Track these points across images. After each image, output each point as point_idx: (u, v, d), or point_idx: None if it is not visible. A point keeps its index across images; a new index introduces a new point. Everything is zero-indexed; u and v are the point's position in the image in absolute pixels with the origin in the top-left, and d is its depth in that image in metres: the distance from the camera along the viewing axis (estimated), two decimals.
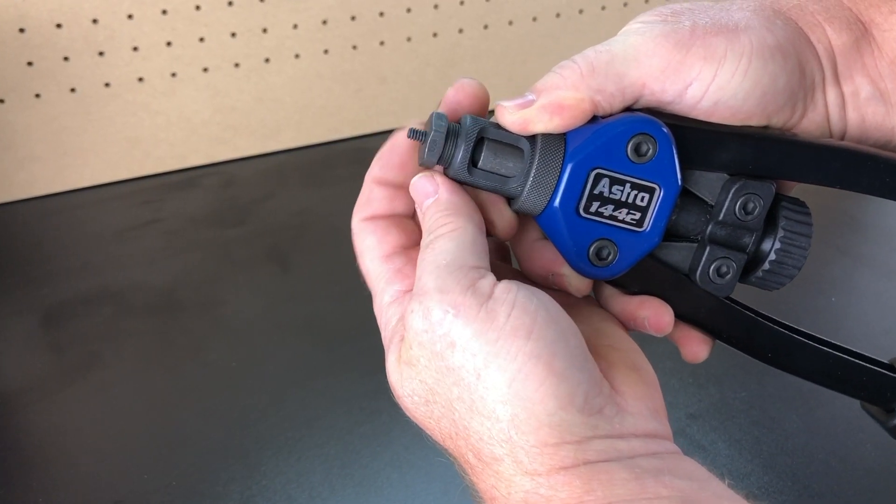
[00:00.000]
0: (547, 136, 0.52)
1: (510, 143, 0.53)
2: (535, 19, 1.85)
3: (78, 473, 0.99)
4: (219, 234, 1.45)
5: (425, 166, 0.54)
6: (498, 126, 0.53)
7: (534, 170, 0.52)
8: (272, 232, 1.45)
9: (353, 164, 1.67)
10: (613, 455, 0.47)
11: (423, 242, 0.51)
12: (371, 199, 0.56)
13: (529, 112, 0.52)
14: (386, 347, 0.54)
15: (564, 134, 0.52)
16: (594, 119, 0.52)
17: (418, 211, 0.54)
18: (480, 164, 0.53)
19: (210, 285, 1.32)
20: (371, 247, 0.55)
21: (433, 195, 0.52)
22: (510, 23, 1.83)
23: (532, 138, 0.53)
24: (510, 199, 0.55)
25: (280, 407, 1.07)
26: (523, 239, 0.58)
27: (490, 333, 0.46)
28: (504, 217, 0.55)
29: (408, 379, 0.50)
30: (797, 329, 0.58)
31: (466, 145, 0.52)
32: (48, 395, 1.10)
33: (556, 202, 0.52)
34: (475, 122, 0.53)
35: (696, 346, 0.58)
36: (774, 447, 1.00)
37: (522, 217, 0.56)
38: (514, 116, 0.52)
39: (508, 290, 0.48)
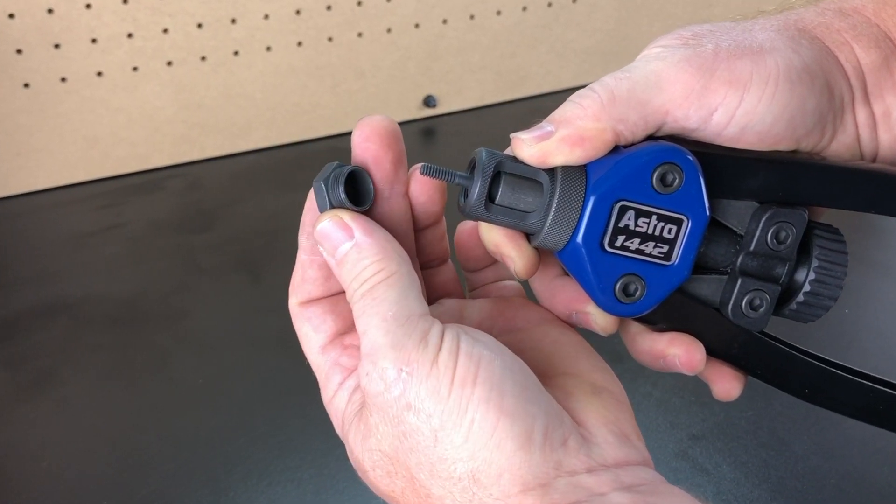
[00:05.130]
0: (567, 169, 0.52)
1: (528, 176, 0.53)
2: (525, 9, 1.85)
3: (31, 498, 0.98)
4: (184, 241, 1.44)
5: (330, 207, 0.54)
6: (514, 159, 0.53)
7: (554, 204, 0.52)
8: (241, 238, 1.45)
9: None
10: (583, 496, 0.47)
11: (353, 293, 0.51)
12: (305, 280, 0.56)
13: (549, 144, 0.52)
14: (344, 435, 0.54)
15: (585, 165, 0.53)
16: (616, 149, 0.53)
17: (329, 259, 0.53)
18: (498, 199, 0.53)
19: (175, 296, 1.31)
20: (308, 336, 0.56)
21: (348, 240, 0.52)
22: (498, 12, 1.83)
23: (551, 171, 0.53)
24: (530, 235, 0.55)
25: (250, 427, 1.07)
26: (544, 276, 0.58)
27: (443, 390, 0.47)
28: (524, 254, 0.55)
29: (368, 451, 0.51)
30: (835, 362, 0.58)
31: (483, 180, 0.52)
32: (0, 413, 1.10)
33: (579, 237, 0.52)
34: (491, 155, 0.53)
35: (728, 383, 0.58)
36: (783, 470, 1.00)
37: (543, 253, 0.56)
38: (533, 150, 0.52)
39: (454, 339, 0.49)
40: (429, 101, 1.82)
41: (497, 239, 0.55)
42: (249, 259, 1.39)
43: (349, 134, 0.54)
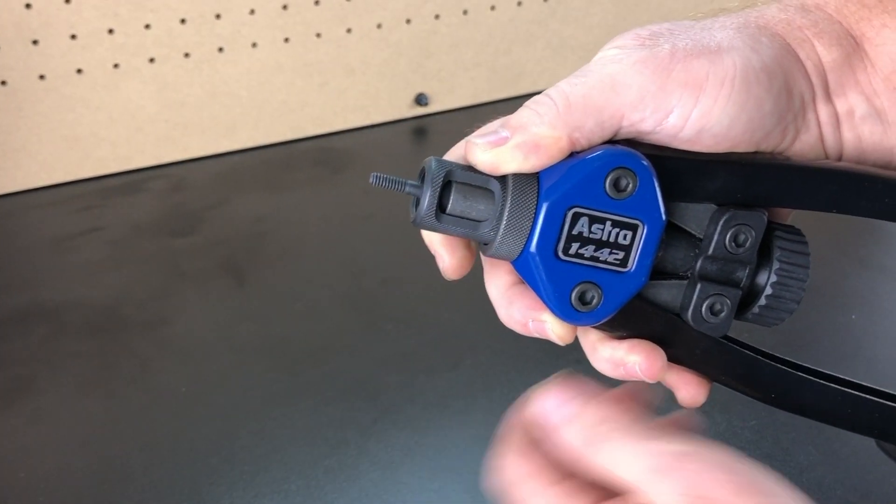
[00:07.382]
0: (518, 176, 0.53)
1: (479, 185, 0.53)
2: (519, 4, 1.85)
3: None
4: (166, 245, 1.44)
5: None
6: (465, 167, 0.54)
7: (506, 212, 0.52)
8: (226, 242, 1.45)
9: (316, 165, 1.66)
10: None
11: None
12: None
13: (503, 151, 0.52)
14: None
15: (537, 172, 0.53)
16: (570, 154, 0.53)
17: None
18: (449, 209, 0.53)
19: (157, 301, 1.31)
20: None
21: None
22: (492, 8, 1.83)
23: (503, 178, 0.53)
24: (484, 245, 0.55)
25: (234, 438, 1.06)
26: (501, 284, 0.58)
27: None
28: (456, 254, 0.56)
29: None
30: (802, 365, 0.59)
31: (433, 190, 0.52)
32: None
33: (533, 246, 0.52)
34: (441, 164, 0.53)
35: (693, 390, 0.59)
36: (788, 482, 0.99)
37: (498, 262, 0.56)
38: (486, 156, 0.52)
39: None
40: (420, 100, 1.81)
41: (432, 236, 0.56)
42: (234, 263, 1.39)
43: (338, 133, 0.54)
